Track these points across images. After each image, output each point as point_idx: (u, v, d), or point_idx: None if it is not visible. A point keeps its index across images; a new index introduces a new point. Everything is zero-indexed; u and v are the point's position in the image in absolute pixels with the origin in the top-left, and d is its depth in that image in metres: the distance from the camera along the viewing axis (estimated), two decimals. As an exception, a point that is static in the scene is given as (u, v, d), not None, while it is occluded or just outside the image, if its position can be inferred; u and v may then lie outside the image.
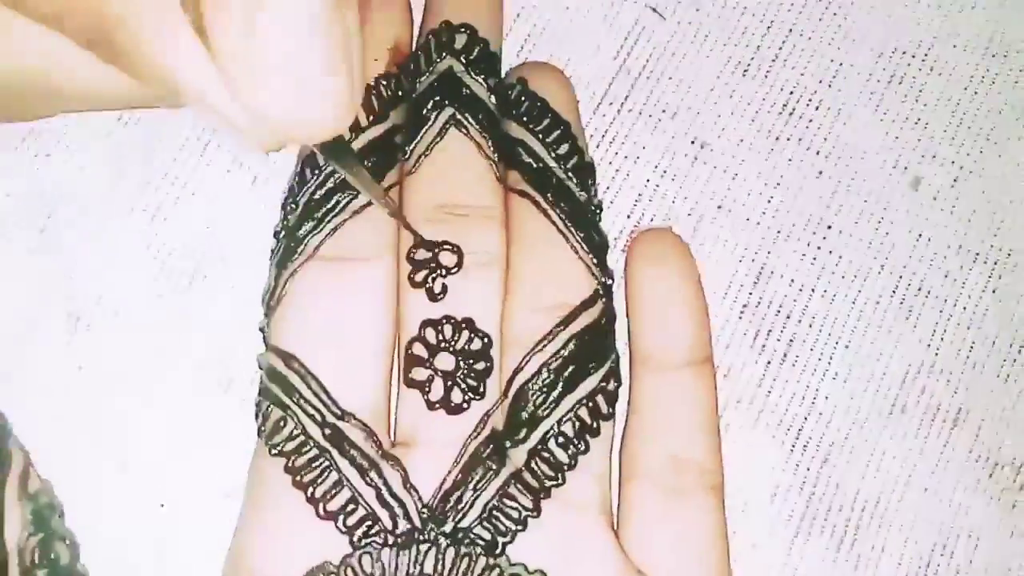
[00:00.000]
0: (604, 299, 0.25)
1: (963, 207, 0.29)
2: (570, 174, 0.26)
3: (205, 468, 0.26)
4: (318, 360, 0.24)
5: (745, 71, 0.30)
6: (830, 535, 0.27)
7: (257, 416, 0.24)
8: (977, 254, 0.29)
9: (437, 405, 0.24)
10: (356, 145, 0.25)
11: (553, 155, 0.26)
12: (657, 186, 0.29)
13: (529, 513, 0.23)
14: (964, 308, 0.28)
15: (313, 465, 0.23)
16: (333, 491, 0.23)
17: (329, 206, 0.25)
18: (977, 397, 0.28)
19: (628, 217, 0.28)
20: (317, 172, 0.25)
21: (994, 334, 0.28)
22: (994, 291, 0.29)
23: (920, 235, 0.29)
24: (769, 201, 0.29)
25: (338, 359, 0.24)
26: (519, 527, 0.23)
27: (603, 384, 0.24)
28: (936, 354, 0.28)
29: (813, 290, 0.28)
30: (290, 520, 0.23)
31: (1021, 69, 0.31)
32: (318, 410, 0.23)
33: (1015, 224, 0.29)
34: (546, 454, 0.24)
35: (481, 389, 0.24)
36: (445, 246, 0.25)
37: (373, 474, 0.23)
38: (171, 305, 0.27)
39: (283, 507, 0.23)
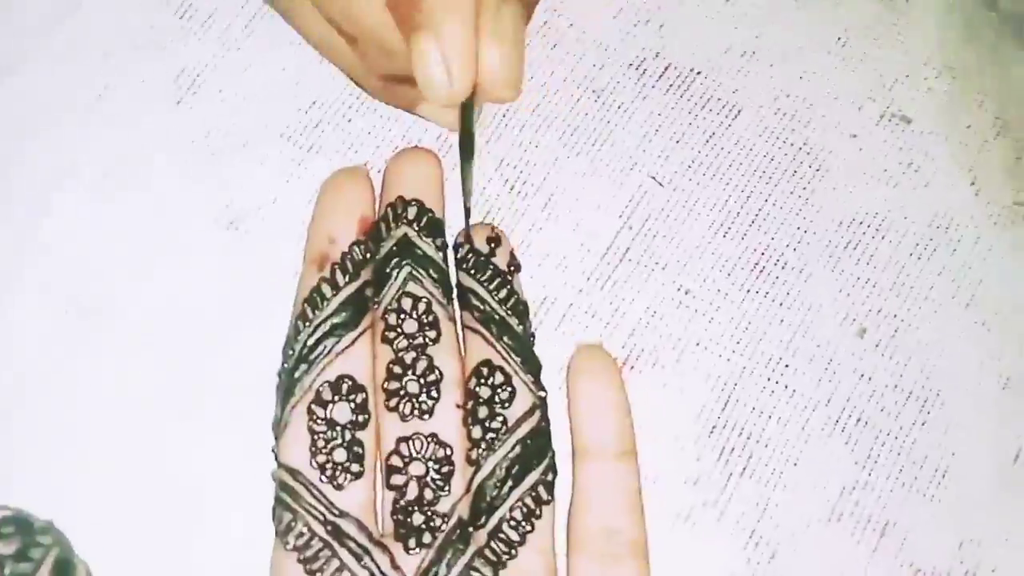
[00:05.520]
0: (540, 409, 0.30)
1: (901, 354, 0.33)
2: (509, 312, 0.31)
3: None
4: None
5: (726, 233, 0.34)
6: (773, 623, 0.31)
7: (273, 519, 0.29)
8: (911, 393, 0.33)
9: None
10: (337, 300, 0.30)
11: (496, 299, 0.31)
12: (648, 323, 0.33)
13: None
14: (896, 437, 0.32)
15: (320, 555, 0.28)
16: (336, 574, 0.28)
17: (318, 351, 0.29)
18: (904, 512, 0.31)
19: (622, 348, 0.33)
20: (308, 323, 0.30)
21: (922, 459, 0.32)
22: (923, 424, 0.33)
23: (863, 375, 0.33)
24: (738, 342, 0.33)
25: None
26: None
27: (543, 476, 0.29)
28: (870, 474, 0.32)
29: (771, 417, 0.32)
30: None
31: (959, 240, 0.35)
32: (320, 512, 0.28)
33: (944, 368, 0.34)
34: (501, 535, 0.28)
35: (446, 488, 0.29)
36: (410, 377, 0.30)
37: (367, 559, 0.28)
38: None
39: None
